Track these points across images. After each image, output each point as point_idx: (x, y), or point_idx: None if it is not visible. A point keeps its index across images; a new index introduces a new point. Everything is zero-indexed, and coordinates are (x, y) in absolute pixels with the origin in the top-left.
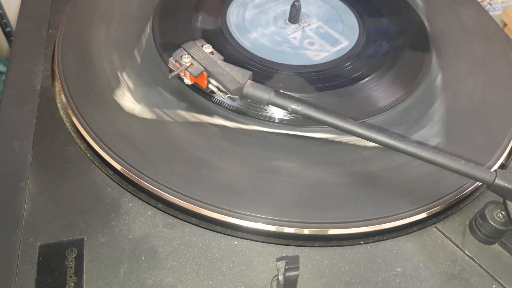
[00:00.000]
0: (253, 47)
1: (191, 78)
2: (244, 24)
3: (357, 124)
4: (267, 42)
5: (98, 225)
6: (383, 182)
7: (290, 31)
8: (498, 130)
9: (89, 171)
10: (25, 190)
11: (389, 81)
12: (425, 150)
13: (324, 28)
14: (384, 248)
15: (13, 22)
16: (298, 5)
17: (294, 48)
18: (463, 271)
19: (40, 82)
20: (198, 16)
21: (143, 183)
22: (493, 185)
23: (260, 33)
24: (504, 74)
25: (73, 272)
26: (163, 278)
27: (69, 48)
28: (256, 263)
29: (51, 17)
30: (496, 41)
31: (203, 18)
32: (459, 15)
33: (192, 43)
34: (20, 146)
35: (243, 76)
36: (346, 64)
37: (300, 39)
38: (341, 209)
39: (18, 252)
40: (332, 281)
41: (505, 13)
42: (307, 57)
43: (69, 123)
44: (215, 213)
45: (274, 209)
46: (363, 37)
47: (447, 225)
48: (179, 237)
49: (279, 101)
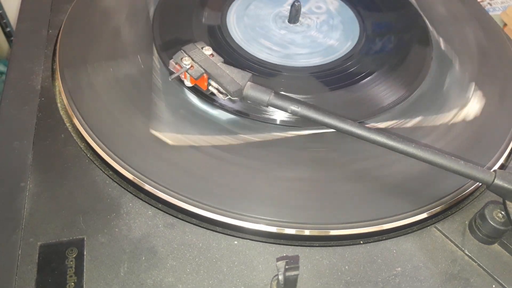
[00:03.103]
0: (252, 47)
1: (191, 80)
2: (244, 24)
3: (356, 125)
4: (267, 42)
5: (98, 225)
6: (383, 183)
7: (290, 31)
8: (497, 130)
9: (89, 171)
10: (25, 190)
11: (390, 80)
12: (424, 150)
13: (324, 28)
14: (384, 248)
15: (13, 22)
16: (298, 5)
17: (295, 48)
18: (462, 271)
19: (40, 82)
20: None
21: (143, 183)
22: (492, 185)
23: (260, 33)
24: (504, 74)
25: (73, 272)
26: (163, 278)
27: (70, 48)
28: (256, 263)
29: (51, 17)
30: (496, 41)
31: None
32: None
33: (192, 45)
34: (20, 146)
35: (243, 77)
36: (346, 65)
37: (300, 39)
38: (341, 210)
39: (19, 252)
40: (332, 281)
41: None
42: (306, 57)
43: (69, 123)
44: (216, 215)
45: (274, 210)
46: (363, 37)
47: (447, 225)
48: (179, 237)
49: (279, 103)
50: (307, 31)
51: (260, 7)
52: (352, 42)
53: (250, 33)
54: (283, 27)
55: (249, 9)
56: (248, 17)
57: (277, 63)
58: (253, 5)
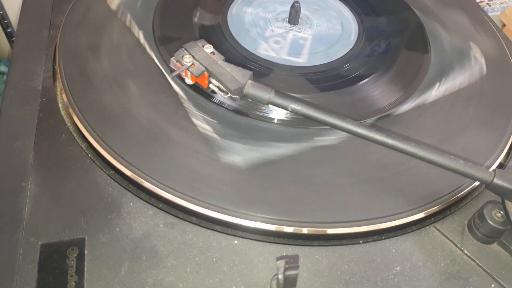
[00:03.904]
0: (253, 47)
1: (192, 78)
2: (244, 24)
3: (356, 124)
4: (267, 42)
5: (99, 225)
6: (382, 182)
7: (290, 31)
8: (496, 129)
9: (90, 170)
10: (26, 190)
11: (389, 82)
12: (423, 149)
13: (324, 28)
14: (383, 248)
15: (14, 22)
16: (297, 6)
17: (295, 48)
18: (461, 271)
19: (41, 83)
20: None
21: (144, 182)
22: (491, 185)
23: (260, 34)
24: (503, 74)
25: (74, 271)
26: (164, 277)
27: (70, 49)
28: (256, 262)
29: (52, 17)
30: (495, 41)
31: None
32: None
33: (193, 43)
34: (21, 146)
35: (244, 76)
36: (346, 65)
37: (300, 40)
38: (340, 209)
39: (19, 251)
40: (332, 280)
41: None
42: (306, 57)
43: (70, 123)
44: (216, 213)
45: (273, 209)
46: (362, 38)
47: (446, 225)
48: (180, 236)
49: (279, 101)
50: (307, 32)
51: (260, 7)
52: (352, 42)
53: (251, 33)
54: (283, 27)
55: (249, 9)
56: (248, 17)
57: (277, 63)
58: (253, 5)
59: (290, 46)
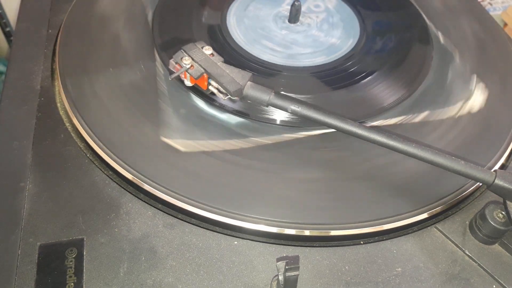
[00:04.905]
0: (253, 47)
1: (191, 79)
2: (244, 25)
3: (357, 125)
4: (267, 42)
5: (98, 225)
6: (383, 183)
7: (291, 30)
8: (498, 130)
9: (89, 171)
10: (24, 190)
11: (390, 81)
12: (425, 150)
13: (324, 27)
14: (384, 248)
15: (13, 22)
16: (298, 4)
17: (296, 48)
18: (463, 271)
19: (40, 82)
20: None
21: (142, 183)
22: (493, 185)
23: (260, 33)
24: (505, 74)
25: (73, 272)
26: (163, 278)
27: (69, 48)
28: (256, 263)
29: (51, 16)
30: (497, 41)
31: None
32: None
33: (192, 45)
34: (20, 146)
35: (243, 77)
36: (346, 64)
37: (301, 39)
38: (341, 210)
39: (18, 252)
40: (332, 281)
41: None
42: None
43: (68, 123)
44: (216, 215)
45: (274, 211)
46: (363, 36)
47: (447, 225)
48: (179, 237)
49: (279, 102)
50: (308, 31)
51: (259, 7)
52: (353, 41)
53: (251, 33)
54: (283, 27)
55: (248, 9)
56: (248, 18)
57: (277, 63)
58: (252, 6)
59: (290, 45)
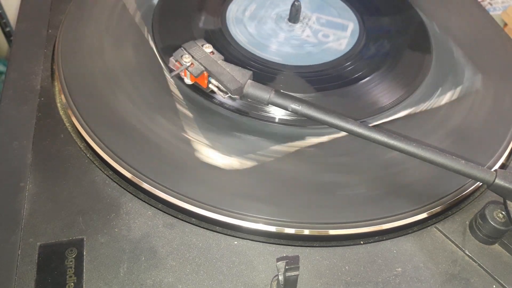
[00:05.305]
0: (252, 46)
1: (191, 77)
2: (244, 24)
3: (357, 124)
4: (267, 41)
5: (98, 225)
6: (383, 182)
7: (291, 30)
8: (498, 130)
9: (89, 171)
10: (24, 190)
11: (390, 81)
12: (425, 150)
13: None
14: (384, 248)
15: (12, 22)
16: (298, 4)
17: (296, 47)
18: (463, 271)
19: (39, 82)
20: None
21: (141, 182)
22: (493, 185)
23: (260, 33)
24: (505, 74)
25: (73, 272)
26: (163, 278)
27: (69, 48)
28: (256, 263)
29: (50, 16)
30: (497, 41)
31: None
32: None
33: (192, 42)
34: (19, 146)
35: (243, 75)
36: (346, 64)
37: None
38: (341, 210)
39: (18, 252)
40: (332, 281)
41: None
42: (306, 56)
43: (68, 123)
44: (216, 214)
45: (274, 210)
46: (363, 37)
47: (447, 225)
48: (179, 237)
49: (279, 101)
50: (308, 31)
51: (259, 7)
52: (354, 41)
53: (250, 33)
54: (283, 26)
55: (248, 8)
56: (247, 17)
57: (277, 62)
58: (252, 5)
59: (290, 45)
